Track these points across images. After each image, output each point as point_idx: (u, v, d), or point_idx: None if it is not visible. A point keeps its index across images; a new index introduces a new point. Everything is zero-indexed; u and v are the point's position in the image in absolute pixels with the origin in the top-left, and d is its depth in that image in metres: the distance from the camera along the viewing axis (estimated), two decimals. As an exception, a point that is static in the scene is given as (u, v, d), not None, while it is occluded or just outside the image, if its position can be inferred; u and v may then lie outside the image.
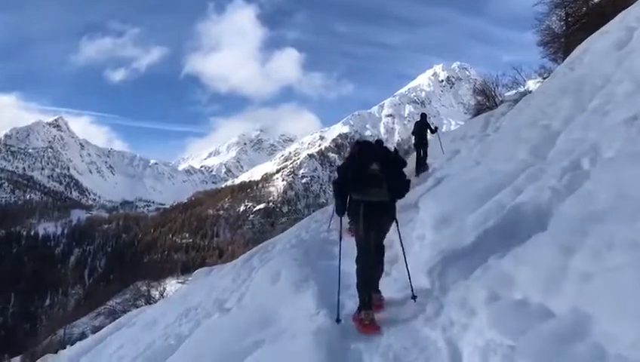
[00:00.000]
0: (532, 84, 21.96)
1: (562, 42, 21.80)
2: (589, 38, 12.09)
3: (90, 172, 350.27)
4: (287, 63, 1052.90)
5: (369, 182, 5.54)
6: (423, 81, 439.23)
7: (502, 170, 7.73)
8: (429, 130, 16.69)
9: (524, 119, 9.52)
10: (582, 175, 5.67)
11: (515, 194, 6.33)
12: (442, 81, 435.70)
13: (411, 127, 17.27)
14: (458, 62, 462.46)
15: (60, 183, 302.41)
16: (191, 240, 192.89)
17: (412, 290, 5.72)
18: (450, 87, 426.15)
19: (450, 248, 6.09)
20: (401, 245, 6.16)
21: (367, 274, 5.68)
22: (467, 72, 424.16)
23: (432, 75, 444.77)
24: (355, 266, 5.76)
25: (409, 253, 6.20)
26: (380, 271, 6.07)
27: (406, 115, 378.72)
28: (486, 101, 26.94)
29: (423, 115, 17.23)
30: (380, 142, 6.74)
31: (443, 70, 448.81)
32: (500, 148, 9.07)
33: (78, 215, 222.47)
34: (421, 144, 16.07)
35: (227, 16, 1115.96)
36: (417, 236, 7.33)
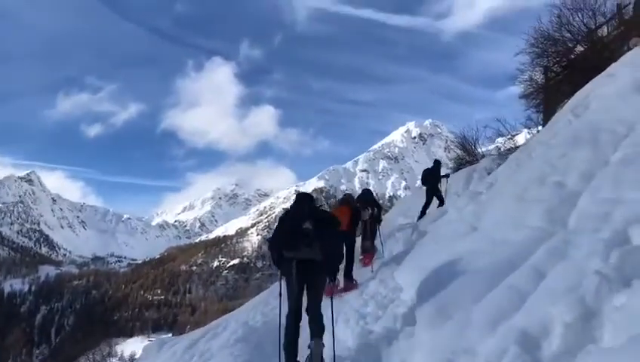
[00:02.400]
0: (521, 137, 20.75)
1: (541, 94, 20.90)
2: (590, 83, 10.71)
3: (62, 227, 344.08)
4: (264, 120, 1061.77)
5: (301, 241, 5.63)
6: (396, 138, 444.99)
7: (509, 239, 5.99)
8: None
9: (527, 175, 7.86)
10: (637, 252, 4.06)
11: (536, 277, 4.62)
12: (415, 137, 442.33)
13: (385, 182, 15.85)
14: (430, 120, 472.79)
15: (30, 238, 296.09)
16: (163, 296, 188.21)
17: None
18: (423, 144, 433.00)
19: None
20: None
21: (289, 337, 5.58)
22: (439, 129, 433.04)
23: (405, 132, 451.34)
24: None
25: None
26: (322, 330, 5.62)
27: (380, 170, 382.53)
28: (466, 155, 25.67)
29: (437, 162, 16.72)
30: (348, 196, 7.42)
31: (416, 127, 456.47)
32: (500, 210, 7.31)
33: (46, 271, 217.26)
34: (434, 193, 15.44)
35: (205, 73, 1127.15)
36: (404, 335, 5.57)
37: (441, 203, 15.83)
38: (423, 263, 7.32)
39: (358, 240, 11.87)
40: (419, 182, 17.59)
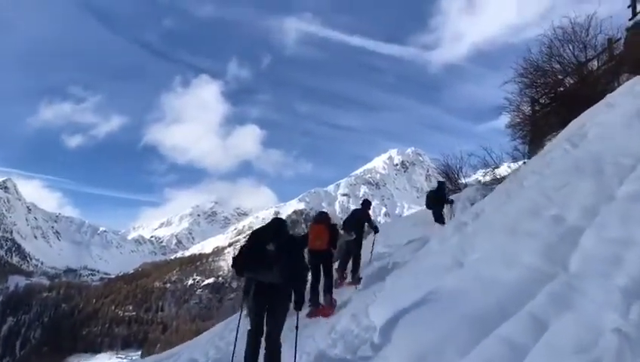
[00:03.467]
0: (503, 169, 20.16)
1: (528, 125, 20.49)
2: (587, 112, 10.13)
3: (35, 237, 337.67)
4: (248, 139, 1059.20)
5: (262, 263, 5.63)
6: (378, 164, 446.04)
7: (500, 279, 5.20)
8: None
9: (519, 206, 7.11)
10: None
11: (536, 328, 3.85)
12: (397, 164, 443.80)
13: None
14: (412, 148, 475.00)
15: (1, 247, 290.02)
16: (134, 313, 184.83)
17: None
18: (404, 171, 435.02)
19: None
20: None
21: (247, 355, 5.63)
22: (421, 158, 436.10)
23: (387, 159, 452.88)
24: None
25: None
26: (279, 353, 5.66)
27: (361, 195, 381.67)
28: (449, 184, 25.05)
29: (441, 184, 16.01)
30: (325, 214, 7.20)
31: (398, 154, 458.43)
32: (489, 244, 6.52)
33: (16, 281, 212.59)
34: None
35: (192, 90, 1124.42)
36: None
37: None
38: (401, 300, 6.51)
39: None
40: (399, 209, 16.76)
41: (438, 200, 15.85)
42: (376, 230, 13.10)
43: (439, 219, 15.42)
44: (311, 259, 9.84)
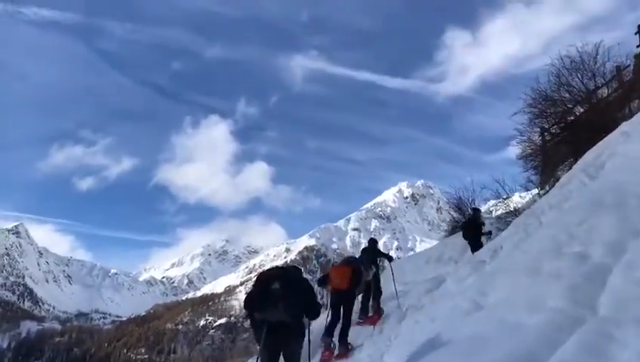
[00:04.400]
0: (515, 200, 19.84)
1: (539, 156, 20.28)
2: (602, 142, 9.85)
3: (47, 281, 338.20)
4: (257, 176, 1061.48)
5: (267, 302, 5.76)
6: (388, 197, 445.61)
7: (524, 324, 4.88)
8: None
9: (539, 243, 6.80)
10: None
11: (570, 382, 3.53)
12: (407, 197, 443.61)
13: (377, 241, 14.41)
14: (422, 180, 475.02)
15: (13, 293, 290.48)
16: (147, 356, 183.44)
17: None
18: (415, 204, 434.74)
19: None
20: None
21: None
22: (431, 190, 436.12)
23: (397, 192, 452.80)
24: None
25: None
26: None
27: (372, 229, 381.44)
28: (461, 217, 24.70)
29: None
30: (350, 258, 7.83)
31: (408, 187, 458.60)
32: (510, 286, 6.18)
33: (28, 327, 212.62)
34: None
35: (202, 130, 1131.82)
36: None
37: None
38: (418, 347, 6.20)
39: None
40: (410, 243, 16.22)
41: (476, 231, 14.91)
42: (390, 259, 13.43)
43: (478, 249, 14.78)
44: (332, 299, 9.83)
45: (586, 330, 4.14)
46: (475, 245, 14.40)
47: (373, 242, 13.42)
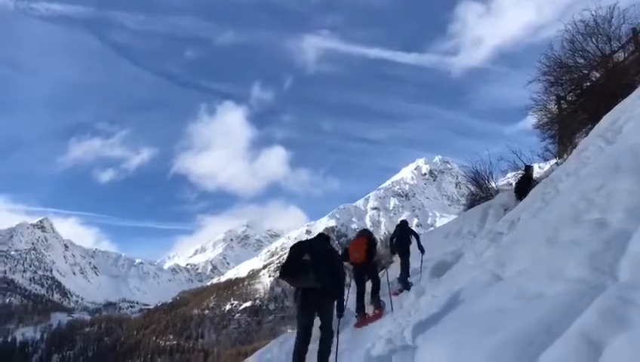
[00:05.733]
0: (536, 169, 19.55)
1: (556, 124, 19.92)
2: (619, 105, 9.64)
3: (74, 273, 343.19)
4: (275, 161, 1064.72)
5: (300, 271, 6.51)
6: (406, 175, 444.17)
7: (544, 294, 4.80)
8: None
9: (557, 211, 6.68)
10: None
11: (589, 351, 3.45)
12: (425, 174, 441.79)
13: (397, 219, 14.68)
14: (439, 156, 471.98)
15: (42, 286, 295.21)
16: (175, 342, 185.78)
17: None
18: (434, 180, 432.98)
19: None
20: None
21: (296, 350, 6.64)
22: (449, 165, 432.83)
23: (415, 169, 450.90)
24: None
25: None
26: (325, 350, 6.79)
27: (391, 208, 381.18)
28: (479, 191, 24.44)
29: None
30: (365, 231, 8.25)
31: (425, 164, 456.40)
32: (529, 256, 6.09)
33: (58, 318, 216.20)
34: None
35: (217, 117, 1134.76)
36: None
37: None
38: (439, 321, 6.16)
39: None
40: (430, 219, 16.03)
41: (530, 188, 13.81)
42: (422, 251, 13.32)
43: None
44: (354, 273, 10.36)
45: (605, 297, 4.05)
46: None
47: (404, 223, 13.59)
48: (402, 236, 13.02)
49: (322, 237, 7.41)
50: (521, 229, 7.85)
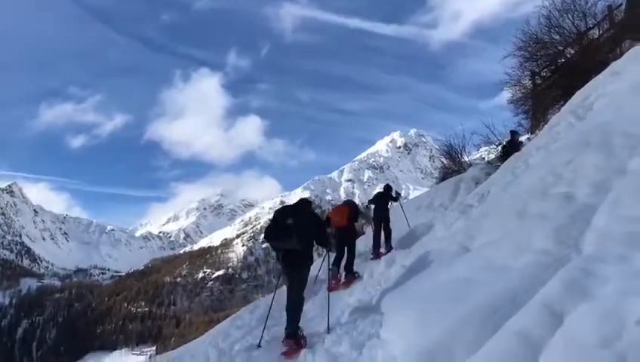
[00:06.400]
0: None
1: (530, 99, 20.09)
2: (591, 82, 9.74)
3: (44, 239, 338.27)
4: (250, 130, 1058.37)
5: (284, 234, 6.83)
6: (381, 148, 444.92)
7: (510, 265, 4.90)
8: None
9: (526, 185, 6.79)
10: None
11: (551, 320, 3.54)
12: (400, 147, 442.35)
13: (371, 191, 14.89)
14: (415, 129, 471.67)
15: (11, 251, 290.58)
16: (147, 308, 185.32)
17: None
18: (408, 153, 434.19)
19: None
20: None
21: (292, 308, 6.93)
22: (424, 139, 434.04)
23: (390, 142, 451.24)
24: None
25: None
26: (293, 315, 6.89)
27: (365, 180, 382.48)
28: (452, 164, 24.61)
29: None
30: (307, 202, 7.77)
31: (400, 137, 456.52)
32: (497, 229, 6.20)
33: (28, 284, 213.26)
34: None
35: (193, 84, 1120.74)
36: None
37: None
38: (407, 291, 6.26)
39: None
40: (404, 192, 16.11)
41: (382, 198, 13.86)
42: (398, 195, 14.29)
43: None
44: (336, 237, 10.49)
45: (569, 269, 4.15)
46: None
47: (388, 187, 14.20)
48: (383, 201, 13.41)
49: (304, 202, 7.71)
50: (491, 202, 7.97)
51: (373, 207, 13.88)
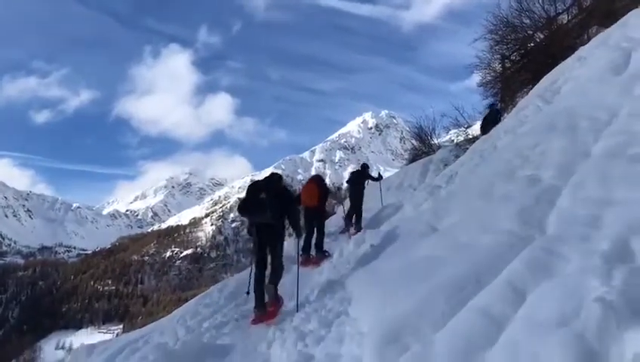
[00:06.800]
0: (477, 128, 19.84)
1: (500, 83, 20.28)
2: (559, 67, 9.91)
3: (6, 216, 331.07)
4: (220, 108, 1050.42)
5: (257, 208, 7.06)
6: (352, 128, 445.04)
7: (476, 245, 5.00)
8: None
9: (493, 167, 6.92)
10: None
11: (514, 297, 3.64)
12: (371, 128, 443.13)
13: (342, 172, 15.15)
14: (386, 110, 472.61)
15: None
16: (114, 287, 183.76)
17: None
18: (379, 134, 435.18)
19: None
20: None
21: (256, 283, 7.14)
22: (395, 120, 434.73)
23: (362, 123, 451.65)
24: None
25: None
26: (275, 277, 7.20)
27: (337, 160, 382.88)
28: (422, 146, 24.86)
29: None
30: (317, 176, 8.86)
31: (372, 118, 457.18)
32: (464, 209, 6.32)
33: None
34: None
35: (162, 60, 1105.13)
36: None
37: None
38: (376, 269, 6.35)
39: None
40: (375, 173, 16.13)
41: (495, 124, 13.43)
42: (380, 177, 15.21)
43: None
44: (305, 216, 10.50)
45: (532, 248, 4.27)
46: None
47: (364, 166, 14.62)
48: (359, 180, 13.71)
49: (275, 176, 7.86)
50: (459, 184, 8.10)
51: (347, 185, 14.16)
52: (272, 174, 7.89)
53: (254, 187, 7.39)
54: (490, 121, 14.78)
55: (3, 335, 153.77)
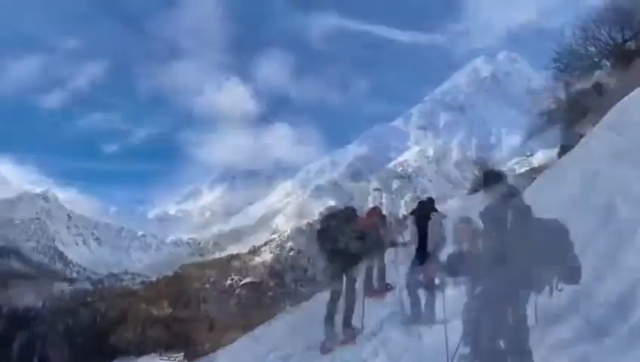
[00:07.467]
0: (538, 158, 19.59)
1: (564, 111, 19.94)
2: (630, 96, 9.72)
3: (77, 244, 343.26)
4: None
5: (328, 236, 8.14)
6: (409, 157, 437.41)
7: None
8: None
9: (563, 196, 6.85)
10: None
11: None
12: (429, 157, 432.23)
13: (399, 201, 14.60)
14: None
15: (44, 255, 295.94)
16: (175, 314, 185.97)
17: None
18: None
19: None
20: None
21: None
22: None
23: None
24: None
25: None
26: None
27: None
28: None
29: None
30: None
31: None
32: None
33: (61, 288, 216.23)
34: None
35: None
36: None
37: None
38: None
39: None
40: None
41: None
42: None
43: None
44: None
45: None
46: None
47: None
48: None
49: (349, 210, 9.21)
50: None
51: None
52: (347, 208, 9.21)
53: (326, 216, 8.82)
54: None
55: (69, 357, 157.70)
